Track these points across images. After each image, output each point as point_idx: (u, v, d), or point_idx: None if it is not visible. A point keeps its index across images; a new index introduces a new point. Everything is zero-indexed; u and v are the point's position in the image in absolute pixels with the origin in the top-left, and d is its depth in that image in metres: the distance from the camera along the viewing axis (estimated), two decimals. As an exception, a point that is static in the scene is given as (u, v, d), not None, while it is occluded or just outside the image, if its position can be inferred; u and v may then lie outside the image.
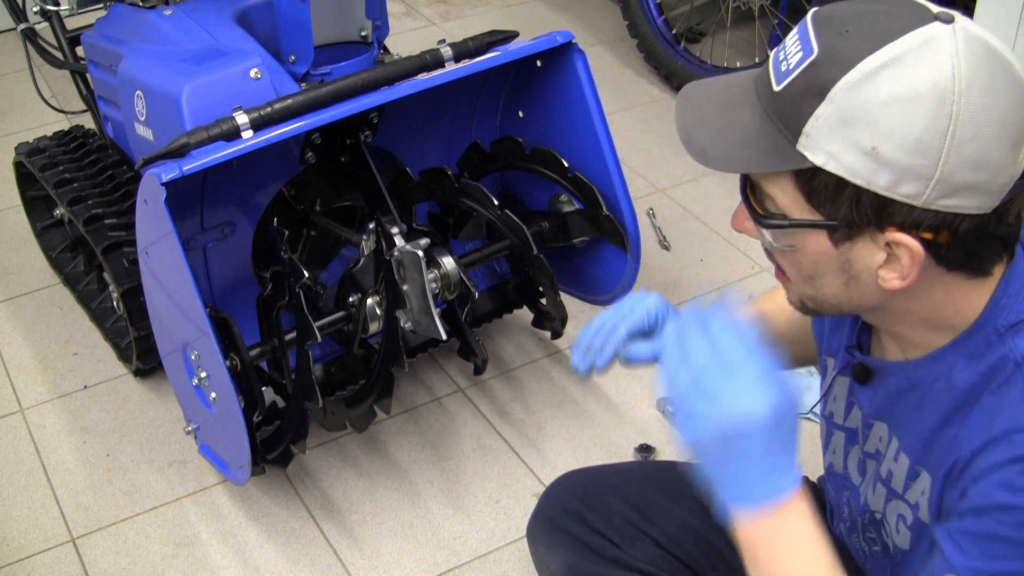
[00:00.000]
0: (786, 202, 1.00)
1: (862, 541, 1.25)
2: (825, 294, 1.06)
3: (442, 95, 2.03)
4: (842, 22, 0.96)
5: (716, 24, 3.44)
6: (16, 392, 2.28)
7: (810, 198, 0.98)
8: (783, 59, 0.99)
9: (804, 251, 1.03)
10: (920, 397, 1.10)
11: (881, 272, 0.99)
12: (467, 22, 3.74)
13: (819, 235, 1.00)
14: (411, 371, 2.28)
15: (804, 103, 0.95)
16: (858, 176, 0.94)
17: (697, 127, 1.05)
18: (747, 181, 1.06)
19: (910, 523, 1.14)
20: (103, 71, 2.24)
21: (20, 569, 1.91)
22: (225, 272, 1.98)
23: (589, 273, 2.18)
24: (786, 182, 0.99)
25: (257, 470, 1.84)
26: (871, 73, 0.92)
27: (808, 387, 2.26)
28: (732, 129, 1.02)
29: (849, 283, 1.03)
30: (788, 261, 1.07)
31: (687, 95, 1.08)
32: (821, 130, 0.94)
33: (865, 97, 0.92)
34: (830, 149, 0.94)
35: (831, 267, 1.02)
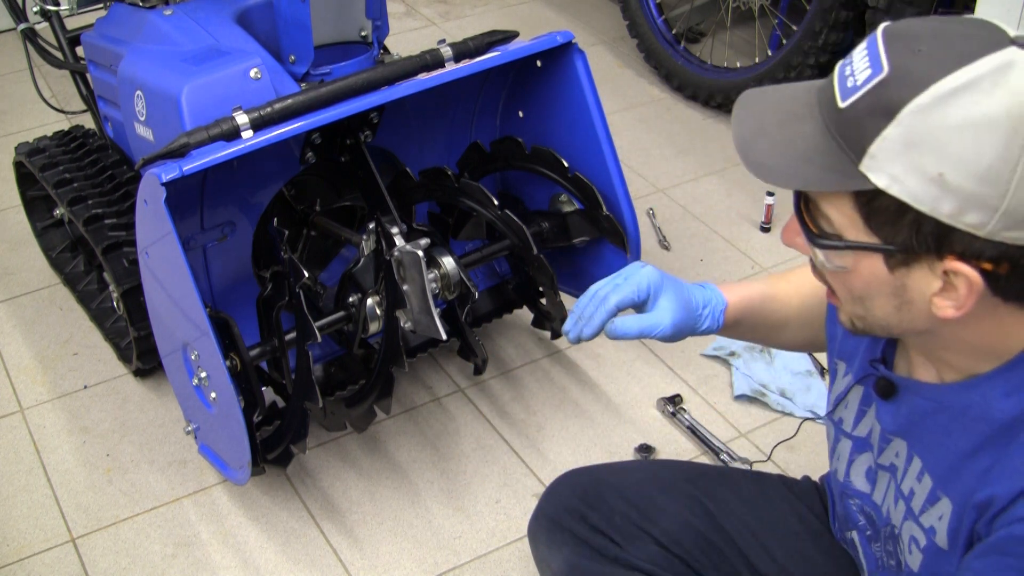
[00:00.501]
0: (843, 222, 0.98)
1: (883, 552, 1.24)
2: (875, 316, 1.03)
3: (442, 95, 2.03)
4: (915, 40, 0.92)
5: (716, 24, 3.44)
6: (16, 392, 2.28)
7: (868, 220, 0.96)
8: (849, 74, 0.96)
9: (857, 273, 1.00)
10: (949, 421, 1.08)
11: (935, 299, 0.97)
12: (467, 22, 3.74)
13: (874, 258, 0.98)
14: (411, 371, 2.28)
15: (870, 123, 0.92)
16: (921, 202, 0.91)
17: (757, 138, 1.01)
18: (802, 197, 1.03)
19: (923, 546, 1.12)
20: (103, 71, 2.24)
21: (20, 569, 1.91)
22: (225, 272, 1.98)
23: (589, 273, 2.18)
24: (844, 202, 0.97)
25: (257, 470, 1.84)
26: (944, 96, 0.89)
27: (808, 387, 2.26)
28: (793, 143, 0.98)
29: (901, 308, 1.00)
30: (839, 281, 1.05)
31: (747, 103, 1.05)
32: (886, 152, 0.91)
33: (936, 121, 0.89)
34: (894, 172, 0.91)
35: (884, 291, 1.00)
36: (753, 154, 1.00)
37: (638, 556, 1.42)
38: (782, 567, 1.43)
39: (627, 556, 1.43)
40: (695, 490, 1.48)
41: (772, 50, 3.17)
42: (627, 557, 1.42)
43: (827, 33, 2.85)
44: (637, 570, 1.41)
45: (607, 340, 2.39)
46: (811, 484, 1.53)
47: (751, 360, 2.32)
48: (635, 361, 2.35)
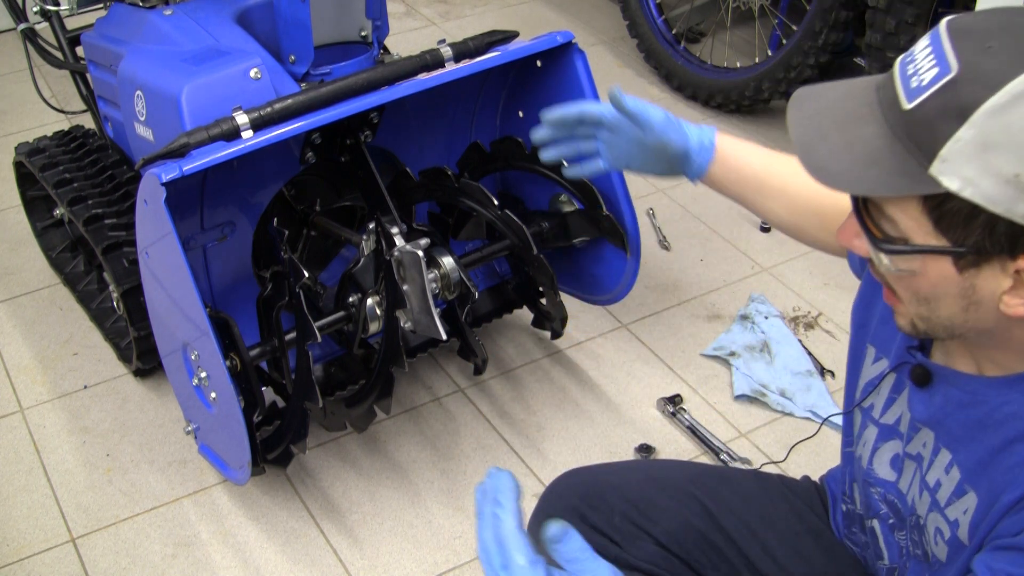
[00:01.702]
0: (909, 225, 0.95)
1: (908, 541, 1.24)
2: (941, 316, 1.01)
3: (442, 95, 2.03)
4: (985, 36, 0.89)
5: (716, 24, 3.44)
6: (16, 392, 2.28)
7: (938, 223, 0.93)
8: (913, 73, 0.92)
9: (924, 276, 0.98)
10: (984, 415, 1.07)
11: (1005, 298, 0.95)
12: (467, 22, 3.74)
13: (943, 261, 0.95)
14: (411, 371, 2.28)
15: (941, 125, 0.88)
16: (996, 203, 0.88)
17: (817, 141, 0.97)
18: (862, 200, 1.00)
19: (947, 538, 1.12)
20: (103, 71, 2.24)
21: (20, 569, 1.91)
22: (225, 272, 1.98)
23: (589, 273, 2.18)
24: (912, 205, 0.94)
25: (257, 470, 1.84)
26: (1020, 95, 0.85)
27: (808, 387, 2.26)
28: (856, 146, 0.95)
29: (968, 308, 0.98)
30: (903, 284, 1.02)
31: (802, 103, 1.01)
32: (959, 155, 0.88)
33: (1012, 121, 0.86)
34: (967, 175, 0.88)
35: (951, 292, 0.98)
36: (814, 158, 0.96)
37: (638, 556, 1.42)
38: (782, 567, 1.43)
39: (627, 556, 1.43)
40: (695, 490, 1.48)
41: (772, 50, 3.17)
42: (627, 557, 1.43)
43: (827, 33, 2.85)
44: (637, 570, 1.41)
45: (607, 340, 2.40)
46: (811, 484, 1.53)
47: (751, 360, 2.32)
48: (635, 361, 2.35)
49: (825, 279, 2.57)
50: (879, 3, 2.61)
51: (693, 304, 2.51)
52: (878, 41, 2.62)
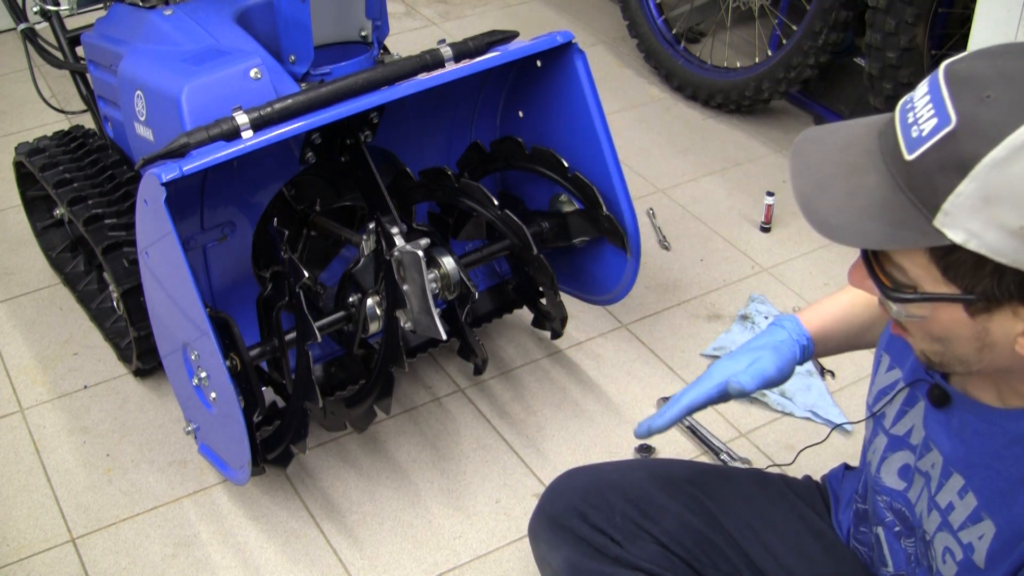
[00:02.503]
0: (918, 273, 0.95)
1: (915, 550, 1.24)
2: (955, 354, 1.01)
3: (442, 95, 2.03)
4: (982, 86, 0.88)
5: (716, 24, 3.44)
6: (16, 392, 2.28)
7: (946, 272, 0.92)
8: (913, 122, 0.91)
9: (936, 320, 0.97)
10: (1003, 447, 1.06)
11: (1021, 340, 0.94)
12: (467, 22, 3.74)
13: (954, 307, 0.95)
14: (411, 371, 2.28)
15: (942, 178, 0.88)
16: (1003, 255, 0.88)
17: (818, 193, 0.96)
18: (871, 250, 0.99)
19: (958, 560, 1.12)
20: (103, 71, 2.24)
21: (20, 569, 1.91)
22: (225, 272, 1.98)
23: (589, 273, 2.18)
24: (919, 254, 0.93)
25: (257, 470, 1.84)
26: (1020, 148, 0.84)
27: (808, 387, 2.26)
28: (858, 197, 0.93)
29: (983, 349, 0.98)
30: (916, 326, 1.01)
31: (802, 152, 1.00)
32: (962, 208, 0.87)
33: (1013, 174, 0.85)
34: (972, 228, 0.87)
35: (965, 334, 0.97)
36: (816, 212, 0.95)
37: (639, 555, 1.42)
38: (784, 566, 1.43)
39: (628, 555, 1.43)
40: (696, 490, 1.48)
41: (772, 50, 3.17)
42: (628, 556, 1.43)
43: (827, 33, 2.85)
44: (637, 569, 1.41)
45: (607, 340, 2.40)
46: (812, 484, 1.53)
47: (751, 360, 2.31)
48: (635, 361, 2.35)
49: (825, 279, 2.57)
50: (879, 3, 2.61)
51: (693, 304, 2.51)
52: (878, 41, 2.62)
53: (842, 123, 1.01)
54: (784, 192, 2.82)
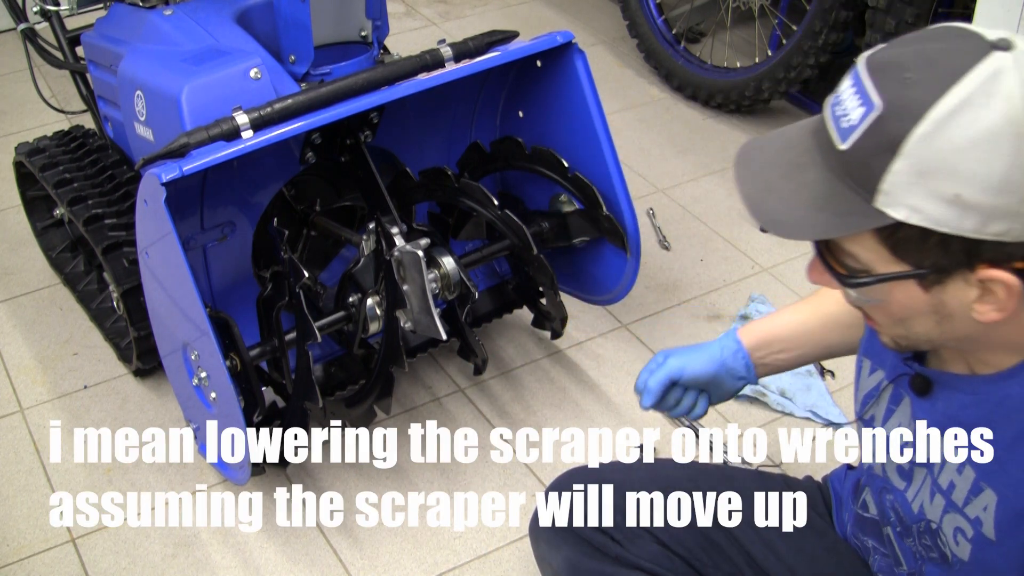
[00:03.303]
0: (869, 257, 0.98)
1: (918, 546, 1.25)
2: (917, 333, 1.04)
3: (442, 95, 2.03)
4: (899, 68, 0.92)
5: (716, 24, 3.44)
6: (16, 392, 2.28)
7: (895, 250, 0.96)
8: (842, 115, 0.96)
9: (894, 300, 1.01)
10: (989, 412, 1.08)
11: (976, 307, 0.98)
12: (467, 22, 3.74)
13: (908, 284, 0.98)
14: (411, 371, 2.28)
15: (875, 160, 0.92)
16: (944, 224, 0.91)
17: (764, 195, 1.01)
18: (822, 241, 1.03)
19: (971, 537, 1.13)
20: (103, 71, 2.24)
21: (20, 569, 1.91)
22: (225, 272, 1.98)
23: (589, 273, 2.18)
24: (867, 239, 0.97)
25: (257, 470, 1.84)
26: (943, 121, 0.89)
27: (808, 387, 2.26)
28: (801, 193, 0.98)
29: (942, 321, 1.01)
30: (877, 310, 1.05)
31: (746, 160, 1.04)
32: (899, 185, 0.91)
33: (941, 146, 0.89)
34: (911, 203, 0.92)
35: (923, 310, 1.00)
36: (764, 212, 1.00)
37: (639, 555, 1.42)
38: (786, 565, 1.43)
39: (628, 555, 1.43)
40: (696, 490, 1.48)
41: (772, 50, 3.17)
42: (628, 556, 1.43)
43: (827, 33, 2.85)
44: (638, 568, 1.42)
45: (607, 340, 2.40)
46: (814, 484, 1.53)
47: (751, 360, 2.31)
48: (635, 361, 2.35)
49: (825, 279, 2.56)
50: (879, 3, 2.61)
51: (693, 304, 2.51)
52: (878, 41, 2.62)
53: (779, 129, 1.06)
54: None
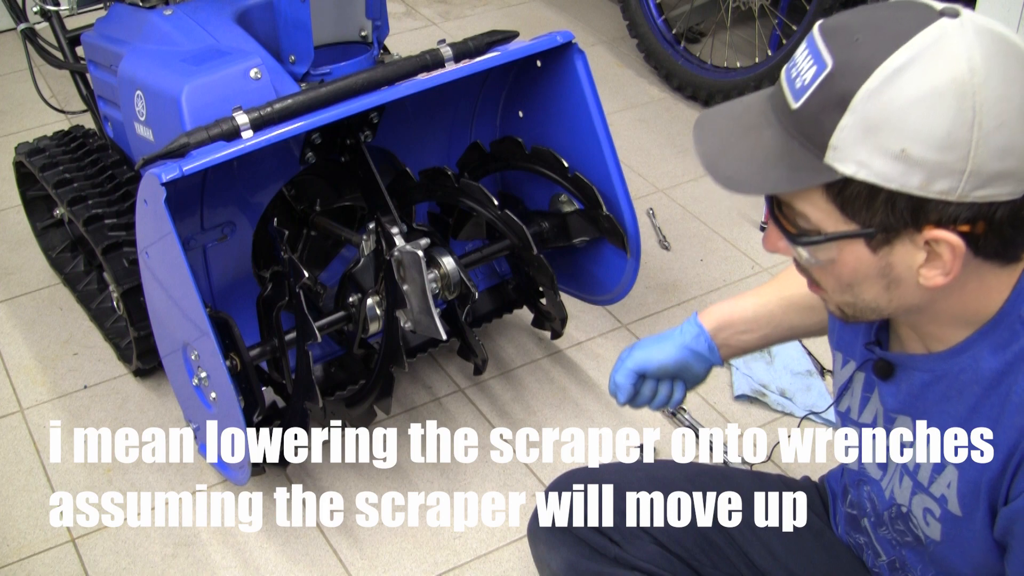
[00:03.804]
0: (819, 216, 1.00)
1: (892, 532, 1.26)
2: (865, 299, 1.06)
3: (442, 95, 2.03)
4: (850, 32, 0.96)
5: (716, 24, 3.44)
6: (16, 392, 2.28)
7: (844, 209, 0.98)
8: (796, 76, 0.99)
9: (842, 262, 1.03)
10: (946, 388, 1.10)
11: (923, 271, 1.00)
12: (467, 22, 3.74)
13: (856, 244, 1.00)
14: (411, 371, 2.28)
15: (826, 116, 0.95)
16: (891, 180, 0.94)
17: (720, 154, 1.04)
18: (775, 202, 1.06)
19: (939, 515, 1.14)
20: (103, 71, 2.24)
21: (20, 569, 1.91)
22: (225, 272, 1.98)
23: (589, 273, 2.18)
24: (817, 197, 0.99)
25: (257, 470, 1.84)
26: (889, 77, 0.92)
27: (808, 387, 2.26)
28: (756, 151, 1.01)
29: (889, 287, 1.03)
30: (826, 274, 1.07)
31: (705, 124, 1.08)
32: (847, 140, 0.94)
33: (887, 102, 0.92)
34: (859, 158, 0.94)
35: (871, 274, 1.02)
36: (720, 170, 1.03)
37: (638, 555, 1.43)
38: (784, 565, 1.43)
39: (627, 555, 1.43)
40: (695, 490, 1.48)
41: (772, 50, 3.17)
42: (627, 556, 1.43)
43: (827, 33, 2.84)
44: (637, 569, 1.42)
45: (607, 340, 2.40)
46: (811, 483, 1.54)
47: (751, 360, 2.32)
48: (635, 361, 2.35)
49: (825, 279, 2.57)
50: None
51: (693, 304, 2.51)
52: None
53: (737, 99, 1.10)
54: (784, 192, 2.82)
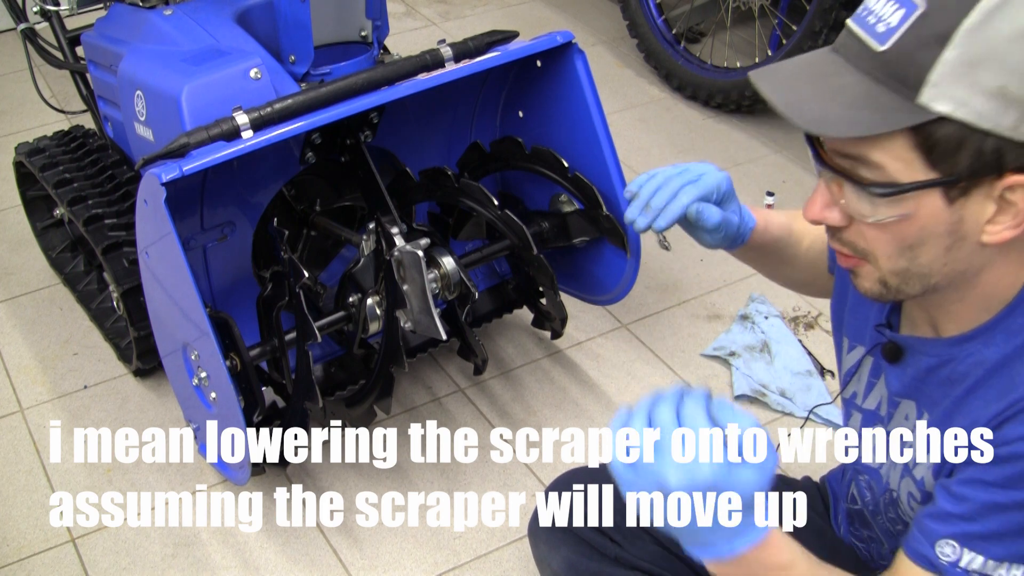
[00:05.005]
0: (897, 167, 0.97)
1: (886, 520, 1.26)
2: (920, 264, 1.02)
3: (442, 95, 2.03)
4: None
5: (716, 24, 3.44)
6: (16, 392, 2.28)
7: (930, 154, 0.95)
8: (876, 21, 0.96)
9: (916, 217, 0.99)
10: (951, 372, 1.10)
11: (988, 228, 0.98)
12: (467, 22, 3.74)
13: (934, 196, 0.97)
14: (411, 371, 2.28)
15: (923, 54, 0.92)
16: (985, 119, 0.92)
17: (800, 101, 0.99)
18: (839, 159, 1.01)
19: (919, 498, 1.15)
20: (103, 71, 2.24)
21: (20, 569, 1.91)
22: (225, 272, 1.98)
23: (589, 273, 2.18)
24: (899, 144, 0.96)
25: (257, 470, 1.84)
26: (992, 11, 0.90)
27: (808, 387, 2.26)
28: (839, 95, 0.97)
29: (952, 247, 1.00)
30: (886, 236, 1.02)
31: (768, 75, 1.03)
32: (946, 77, 0.92)
33: (990, 36, 0.90)
34: (957, 95, 0.92)
35: (938, 231, 0.99)
36: (806, 114, 0.98)
37: (638, 555, 1.43)
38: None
39: (627, 555, 1.43)
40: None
41: (772, 50, 3.17)
42: (627, 556, 1.43)
43: (827, 33, 2.84)
44: (637, 569, 1.42)
45: (607, 340, 2.40)
46: (812, 484, 1.54)
47: (751, 360, 2.32)
48: (635, 361, 2.35)
49: (825, 279, 2.57)
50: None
51: (693, 304, 2.51)
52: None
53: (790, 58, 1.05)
54: (784, 192, 2.82)
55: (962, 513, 1.03)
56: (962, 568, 1.03)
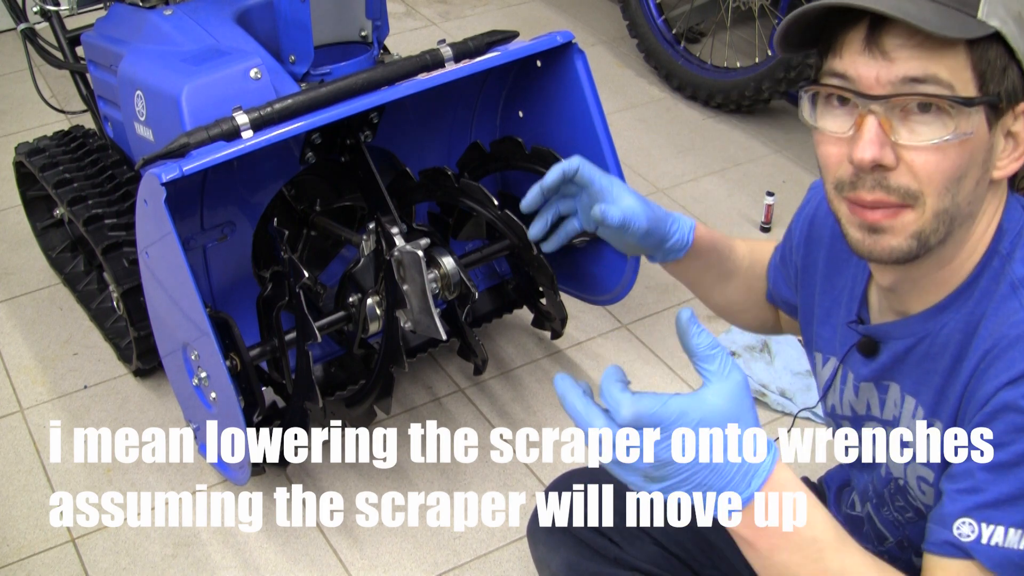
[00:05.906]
0: (960, 84, 0.99)
1: (893, 512, 1.25)
2: (958, 201, 1.01)
3: (442, 95, 2.03)
4: None
5: (716, 24, 3.44)
6: (16, 392, 2.28)
7: (983, 75, 0.99)
8: None
9: (972, 140, 1.00)
10: (928, 347, 1.10)
11: (998, 163, 1.03)
12: (467, 22, 3.75)
13: (982, 119, 1.00)
14: (411, 371, 2.28)
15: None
16: (1017, 41, 0.98)
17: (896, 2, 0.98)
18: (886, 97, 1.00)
19: (932, 480, 1.13)
20: (103, 71, 2.24)
21: (20, 569, 1.91)
22: (225, 272, 1.98)
23: (589, 273, 2.18)
24: (960, 62, 0.98)
25: (257, 470, 1.84)
26: None
27: (808, 387, 2.26)
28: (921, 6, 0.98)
29: (980, 180, 1.02)
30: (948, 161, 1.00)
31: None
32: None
33: None
34: (1000, 14, 0.98)
35: (979, 159, 1.01)
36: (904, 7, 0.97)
37: (637, 556, 1.42)
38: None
39: (626, 556, 1.43)
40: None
41: (772, 50, 3.17)
42: (626, 557, 1.43)
43: (827, 33, 2.84)
44: (636, 570, 1.42)
45: (607, 340, 2.40)
46: (810, 484, 1.53)
47: (751, 360, 2.32)
48: (635, 361, 2.35)
49: (825, 279, 2.57)
50: (879, 3, 2.60)
51: (693, 304, 2.51)
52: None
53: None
54: (784, 192, 2.82)
55: (968, 487, 1.01)
56: (985, 544, 1.00)
